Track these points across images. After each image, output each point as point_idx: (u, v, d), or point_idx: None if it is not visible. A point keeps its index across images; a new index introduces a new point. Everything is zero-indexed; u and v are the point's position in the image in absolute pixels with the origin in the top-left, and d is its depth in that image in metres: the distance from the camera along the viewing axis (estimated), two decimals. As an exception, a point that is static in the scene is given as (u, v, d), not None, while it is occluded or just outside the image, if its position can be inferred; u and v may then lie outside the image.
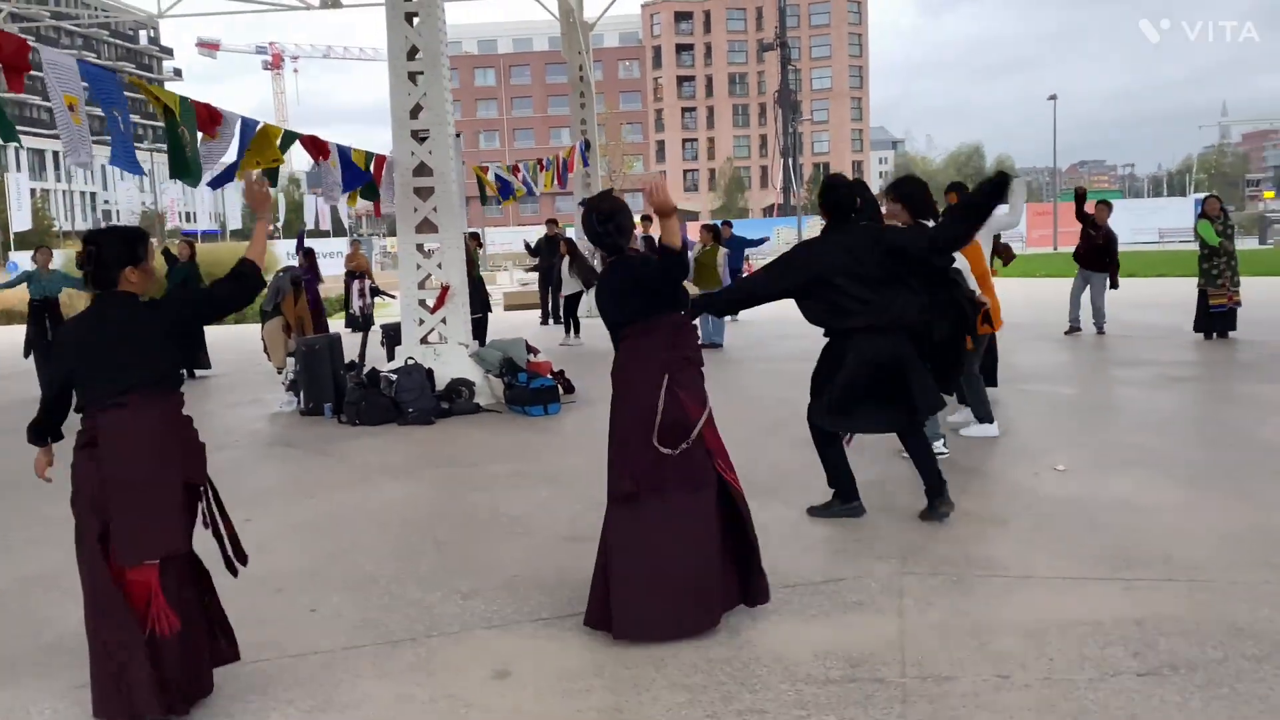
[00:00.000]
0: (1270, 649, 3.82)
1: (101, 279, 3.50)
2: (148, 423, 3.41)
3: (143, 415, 3.40)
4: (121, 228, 3.71)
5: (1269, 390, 9.00)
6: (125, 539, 3.36)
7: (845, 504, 5.68)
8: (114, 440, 3.37)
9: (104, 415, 3.39)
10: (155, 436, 3.42)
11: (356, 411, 9.14)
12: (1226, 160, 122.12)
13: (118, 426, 3.38)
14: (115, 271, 3.50)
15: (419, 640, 4.27)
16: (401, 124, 9.85)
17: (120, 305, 3.52)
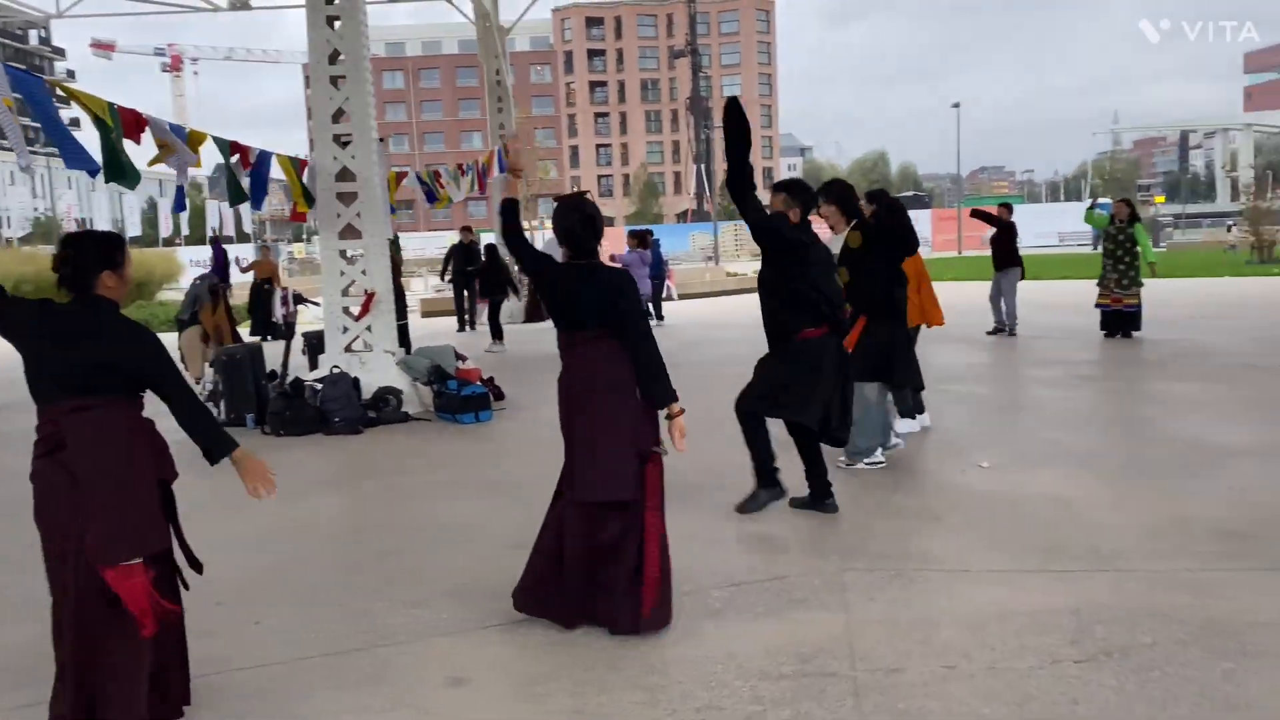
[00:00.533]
0: (1196, 633, 4.01)
1: (78, 284, 3.42)
2: (116, 424, 3.36)
3: (110, 417, 3.35)
4: (99, 232, 3.63)
5: (1175, 388, 9.41)
6: (104, 538, 3.29)
7: (768, 488, 5.83)
8: (85, 441, 3.31)
9: (69, 419, 3.32)
10: (126, 436, 3.38)
11: (281, 422, 8.99)
12: (1119, 166, 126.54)
13: (87, 428, 3.32)
14: (93, 276, 3.42)
15: (370, 650, 4.24)
16: (324, 128, 9.72)
17: (95, 310, 3.43)
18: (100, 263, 3.43)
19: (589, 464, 4.23)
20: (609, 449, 4.21)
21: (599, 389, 4.26)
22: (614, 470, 4.20)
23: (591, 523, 4.25)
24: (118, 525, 3.32)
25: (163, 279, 31.42)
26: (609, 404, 4.24)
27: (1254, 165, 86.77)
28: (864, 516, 5.79)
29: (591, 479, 4.23)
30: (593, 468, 4.22)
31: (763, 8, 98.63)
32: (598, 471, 4.21)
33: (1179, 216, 72.86)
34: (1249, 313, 15.93)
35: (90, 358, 3.35)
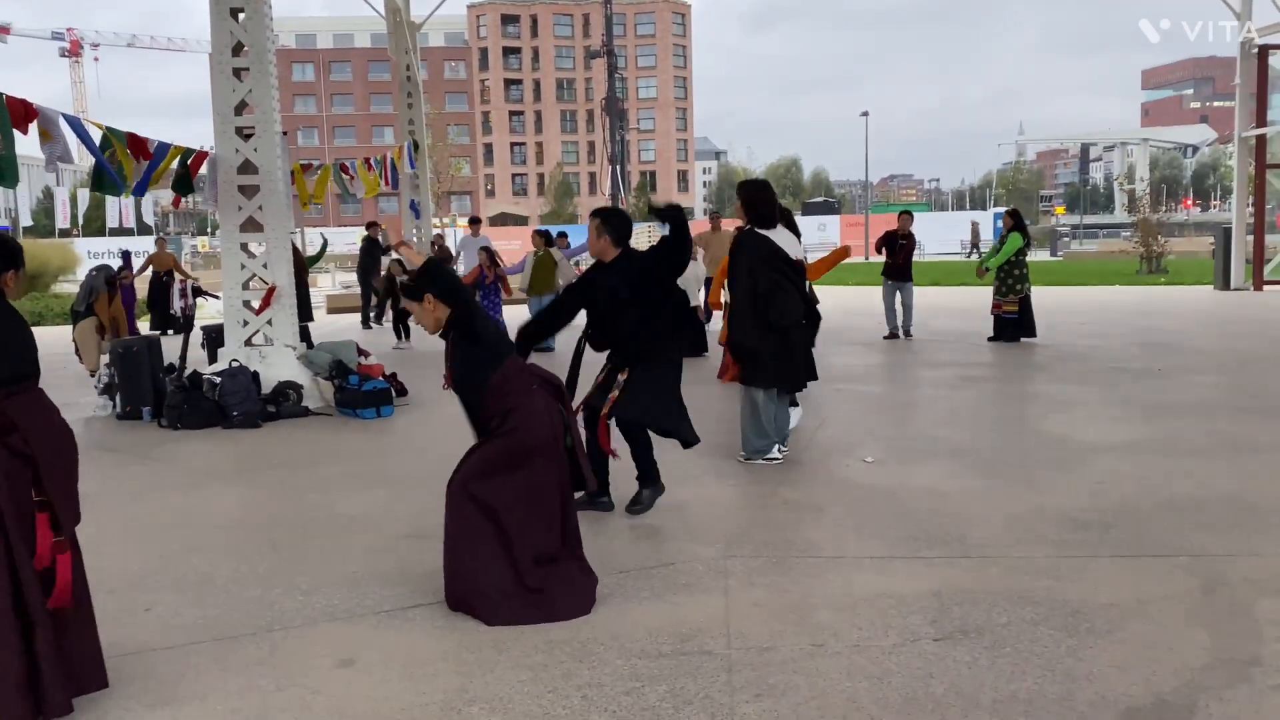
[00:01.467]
0: (1046, 613, 4.31)
1: None
2: (47, 402, 3.58)
3: (41, 397, 3.56)
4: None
5: (1053, 389, 9.87)
6: (69, 505, 3.52)
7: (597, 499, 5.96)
8: (35, 421, 3.46)
9: (12, 401, 3.44)
10: (58, 417, 3.59)
11: (178, 415, 8.90)
12: (1023, 177, 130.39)
13: (33, 408, 3.49)
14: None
15: (260, 635, 4.31)
16: (225, 120, 9.65)
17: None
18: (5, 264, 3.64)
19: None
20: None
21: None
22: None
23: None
24: (70, 497, 3.55)
25: (59, 271, 30.52)
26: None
27: (1148, 179, 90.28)
28: (751, 508, 6.02)
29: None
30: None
31: (678, 11, 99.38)
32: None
33: (1076, 227, 75.40)
34: (1131, 319, 16.69)
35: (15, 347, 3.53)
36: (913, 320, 14.20)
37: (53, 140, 6.89)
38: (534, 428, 4.47)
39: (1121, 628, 4.15)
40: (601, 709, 3.58)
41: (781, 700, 3.60)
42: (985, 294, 14.71)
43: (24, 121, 6.60)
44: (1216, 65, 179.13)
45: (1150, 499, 5.96)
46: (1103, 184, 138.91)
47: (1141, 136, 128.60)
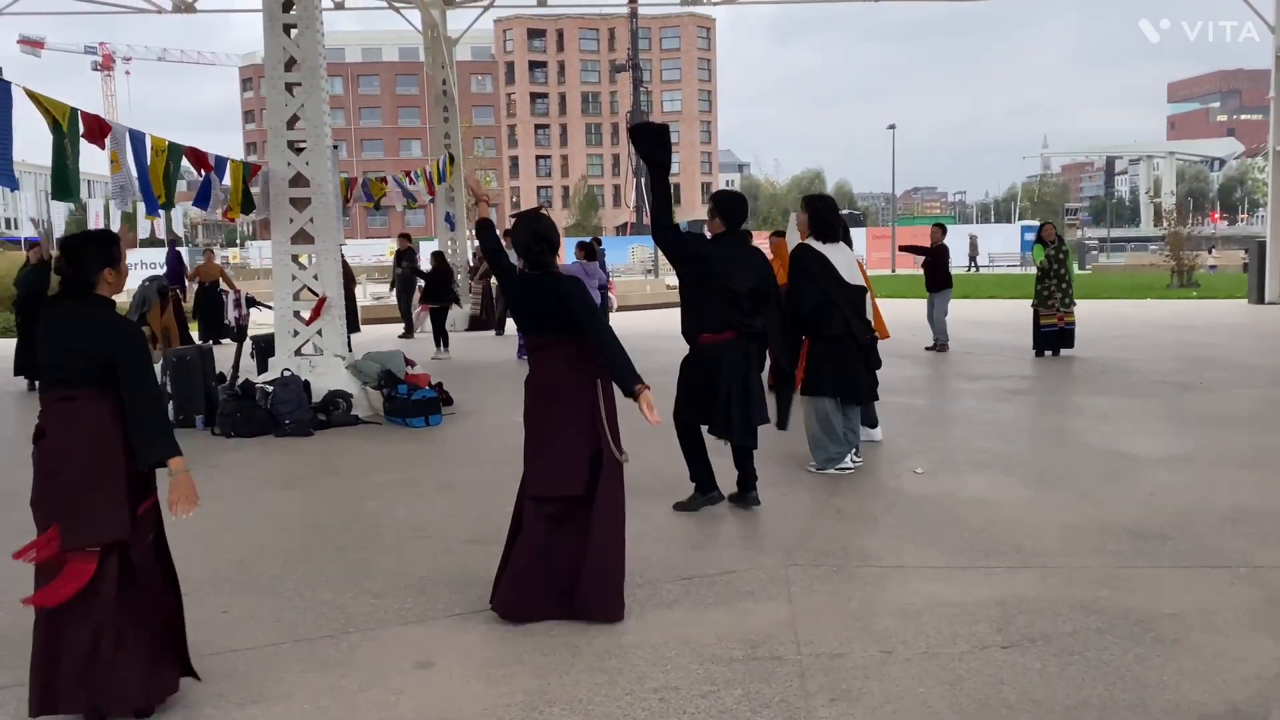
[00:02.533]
0: (1110, 622, 4.35)
1: (81, 282, 3.60)
2: (93, 415, 3.52)
3: (88, 408, 3.51)
4: (94, 231, 3.81)
5: (1096, 402, 9.89)
6: (69, 523, 3.45)
7: (705, 494, 6.16)
8: (60, 431, 3.50)
9: (54, 408, 3.52)
10: (100, 427, 3.52)
11: (232, 423, 9.06)
12: (1048, 190, 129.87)
13: (64, 420, 3.51)
14: (95, 273, 3.61)
15: (338, 637, 4.42)
16: (278, 134, 9.83)
17: (92, 307, 3.61)
18: (101, 262, 3.62)
19: (543, 461, 4.52)
20: (562, 447, 4.49)
21: (559, 391, 4.54)
22: (565, 467, 4.48)
23: (549, 517, 4.50)
24: (79, 511, 3.48)
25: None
26: (565, 405, 4.51)
27: (1175, 192, 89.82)
28: (806, 517, 6.09)
29: (545, 474, 4.52)
30: (547, 465, 4.51)
31: (703, 25, 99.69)
32: (551, 468, 4.50)
33: (1104, 240, 75.04)
34: (1167, 333, 16.64)
35: (76, 351, 3.53)
36: (944, 333, 14.24)
37: (120, 170, 7.05)
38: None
39: (1187, 637, 4.19)
40: (680, 711, 3.66)
41: (857, 705, 3.67)
42: (1023, 306, 14.70)
43: (100, 137, 6.77)
44: (1243, 78, 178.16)
45: (1206, 511, 5.99)
46: (1128, 197, 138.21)
47: (1167, 150, 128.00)
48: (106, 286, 3.65)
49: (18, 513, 3.71)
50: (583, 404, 4.51)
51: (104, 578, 3.53)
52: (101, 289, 3.64)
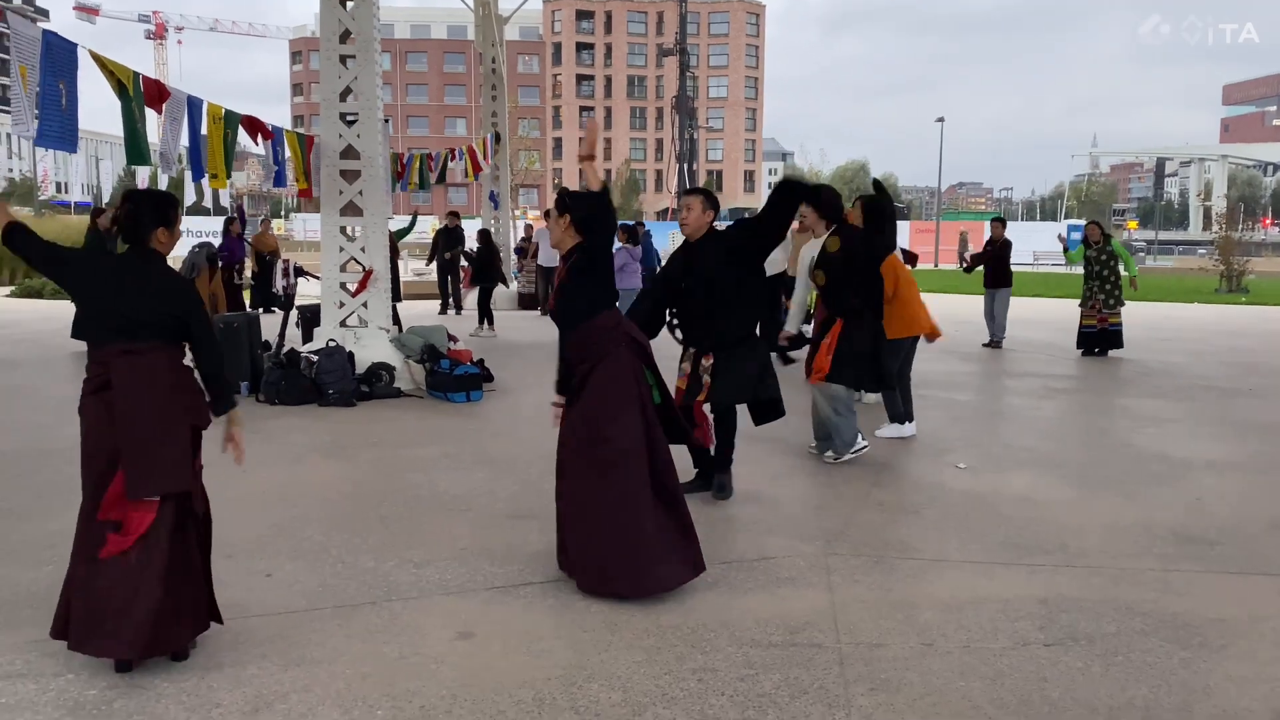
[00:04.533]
0: (1155, 624, 4.30)
1: (135, 235, 3.74)
2: (159, 368, 3.64)
3: (154, 361, 3.63)
4: (156, 191, 3.93)
5: (1142, 404, 9.76)
6: (138, 473, 3.56)
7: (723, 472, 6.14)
8: (128, 382, 3.57)
9: (118, 360, 3.59)
10: (166, 381, 3.65)
11: (276, 391, 9.15)
12: (1095, 190, 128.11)
13: (132, 370, 3.58)
14: (148, 230, 3.73)
15: (379, 604, 4.46)
16: (330, 106, 9.88)
17: (147, 261, 3.74)
18: (156, 219, 3.74)
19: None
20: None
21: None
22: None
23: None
24: (149, 462, 3.58)
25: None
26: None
27: (1227, 196, 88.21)
28: (846, 507, 6.06)
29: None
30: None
31: (753, 11, 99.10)
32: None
33: (1151, 243, 73.92)
34: (1216, 338, 16.39)
35: (141, 306, 3.64)
36: (1003, 331, 14.10)
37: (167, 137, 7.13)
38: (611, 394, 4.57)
39: (1234, 644, 4.13)
40: (719, 692, 3.66)
41: (897, 695, 3.65)
42: (1069, 305, 14.54)
43: (158, 101, 6.84)
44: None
45: (1255, 517, 5.90)
46: (1177, 200, 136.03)
47: (1220, 153, 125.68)
48: (158, 244, 3.77)
49: (68, 467, 3.77)
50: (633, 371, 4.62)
51: (161, 526, 3.65)
52: (153, 244, 3.76)
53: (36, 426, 8.14)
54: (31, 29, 5.75)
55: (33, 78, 5.68)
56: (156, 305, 3.64)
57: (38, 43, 5.72)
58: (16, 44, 5.58)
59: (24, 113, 5.76)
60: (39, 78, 5.73)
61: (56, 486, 6.15)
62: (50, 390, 9.99)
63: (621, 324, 4.76)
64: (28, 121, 5.74)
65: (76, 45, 6.18)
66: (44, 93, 5.68)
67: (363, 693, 3.62)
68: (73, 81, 6.05)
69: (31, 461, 6.90)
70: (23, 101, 5.76)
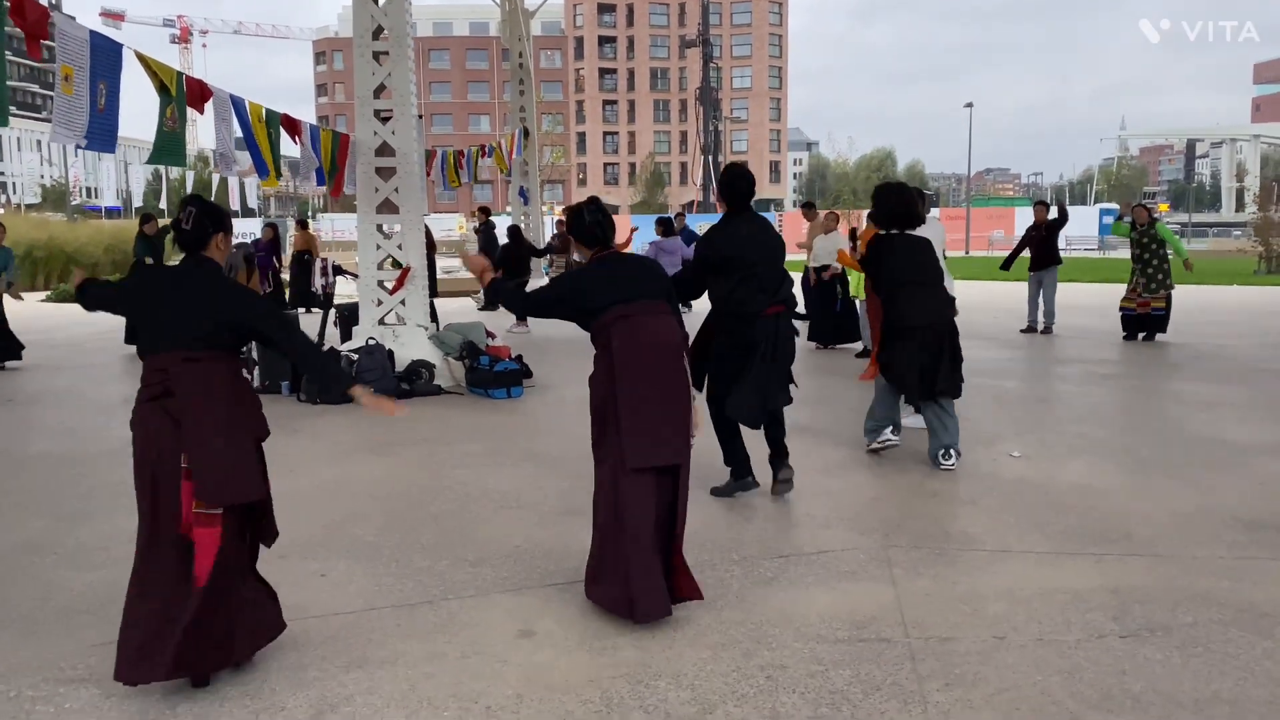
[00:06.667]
0: (1234, 614, 4.18)
1: (194, 241, 3.68)
2: (222, 376, 3.57)
3: (216, 369, 3.56)
4: (209, 201, 3.86)
5: (1193, 388, 9.58)
6: (211, 481, 3.47)
7: (740, 480, 5.95)
8: (192, 391, 3.49)
9: (179, 368, 3.51)
10: (228, 389, 3.58)
11: (317, 391, 9.14)
12: (1125, 173, 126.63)
13: (195, 378, 3.51)
14: (209, 236, 3.68)
15: (436, 603, 4.41)
16: (365, 104, 9.85)
17: (206, 270, 3.68)
18: (216, 224, 3.70)
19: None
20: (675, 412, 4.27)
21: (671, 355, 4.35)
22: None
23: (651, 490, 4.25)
24: (223, 470, 3.50)
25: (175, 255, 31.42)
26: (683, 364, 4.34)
27: (1260, 176, 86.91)
28: (901, 498, 5.96)
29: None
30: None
31: (775, 0, 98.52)
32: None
33: (1185, 225, 72.96)
34: (1259, 319, 16.11)
35: (202, 314, 3.57)
36: (1052, 317, 13.88)
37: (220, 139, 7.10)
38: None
39: (1318, 633, 4.01)
40: (789, 690, 3.58)
41: (973, 690, 3.56)
42: (1107, 290, 14.31)
43: (200, 101, 6.82)
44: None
45: (1323, 503, 5.75)
46: (1208, 181, 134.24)
47: (1251, 133, 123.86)
48: (216, 250, 3.72)
49: (118, 470, 3.73)
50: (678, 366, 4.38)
51: (227, 538, 3.56)
52: (211, 250, 3.71)
53: (82, 430, 8.17)
54: (79, 29, 5.73)
55: (80, 79, 5.64)
56: (216, 314, 3.57)
57: (86, 44, 5.70)
58: (63, 45, 5.56)
59: (68, 115, 5.73)
60: (86, 79, 5.70)
61: (108, 489, 6.17)
62: (94, 393, 10.05)
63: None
64: (72, 124, 5.71)
65: (122, 46, 6.16)
66: (80, 94, 5.64)
67: (428, 693, 3.57)
68: (115, 82, 6.02)
69: (80, 465, 6.91)
70: (67, 104, 5.73)
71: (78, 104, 5.69)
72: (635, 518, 4.13)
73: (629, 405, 4.13)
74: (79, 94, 5.63)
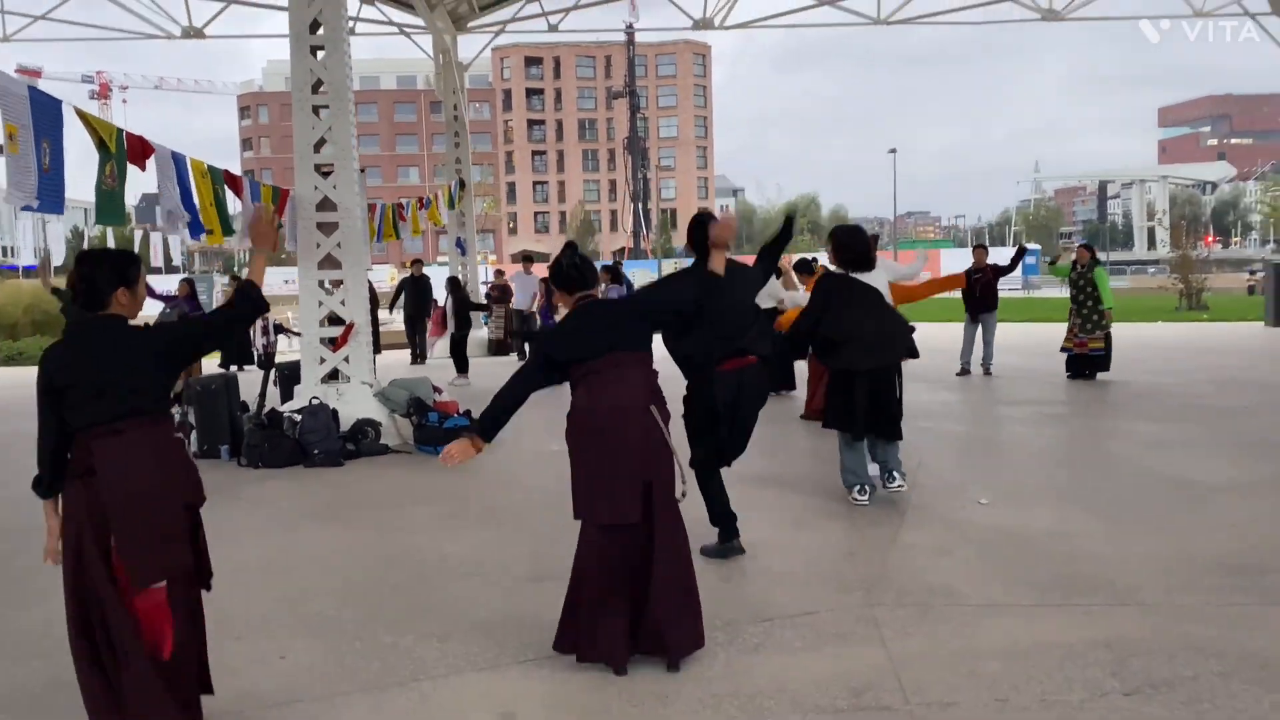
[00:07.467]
0: (1234, 665, 4.09)
1: (93, 300, 3.41)
2: (145, 447, 3.32)
3: (139, 440, 3.31)
4: (112, 250, 3.60)
5: (1141, 427, 9.64)
6: (137, 562, 3.27)
7: (727, 542, 5.71)
8: (114, 467, 3.26)
9: (99, 443, 3.27)
10: (154, 460, 3.33)
11: (259, 454, 8.77)
12: (1042, 214, 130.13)
13: (116, 453, 3.27)
14: (107, 293, 3.41)
15: (408, 685, 4.14)
16: (305, 158, 9.58)
17: (109, 328, 3.41)
18: (115, 280, 3.42)
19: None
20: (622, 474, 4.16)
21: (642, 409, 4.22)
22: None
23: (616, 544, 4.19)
24: (150, 547, 3.29)
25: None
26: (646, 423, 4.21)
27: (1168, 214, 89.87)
28: (878, 551, 5.82)
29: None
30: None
31: (699, 52, 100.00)
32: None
33: (1104, 264, 75.02)
34: (1192, 356, 16.42)
35: (114, 376, 3.33)
36: (992, 358, 14.00)
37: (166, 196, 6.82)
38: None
39: (1320, 682, 3.93)
40: (795, 768, 3.38)
41: (986, 760, 3.40)
42: (1051, 330, 14.50)
43: (141, 158, 6.52)
44: (1233, 103, 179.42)
45: (1296, 543, 5.74)
46: (1121, 221, 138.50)
47: (1160, 174, 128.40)
48: (119, 307, 3.44)
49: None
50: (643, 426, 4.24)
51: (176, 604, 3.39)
52: (113, 309, 3.43)
53: (13, 503, 7.70)
54: (18, 85, 5.42)
55: (25, 137, 5.32)
56: (130, 371, 3.32)
57: (26, 100, 5.39)
58: (5, 102, 5.23)
59: (18, 176, 5.40)
60: (31, 137, 5.38)
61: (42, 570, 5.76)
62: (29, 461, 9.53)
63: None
64: (22, 185, 5.38)
65: (61, 102, 5.85)
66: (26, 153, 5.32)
67: (410, 790, 3.31)
68: (58, 140, 5.71)
69: (11, 543, 6.48)
70: (15, 164, 5.40)
71: (24, 163, 5.37)
72: (591, 567, 4.17)
73: (583, 462, 4.19)
74: (24, 153, 5.31)
